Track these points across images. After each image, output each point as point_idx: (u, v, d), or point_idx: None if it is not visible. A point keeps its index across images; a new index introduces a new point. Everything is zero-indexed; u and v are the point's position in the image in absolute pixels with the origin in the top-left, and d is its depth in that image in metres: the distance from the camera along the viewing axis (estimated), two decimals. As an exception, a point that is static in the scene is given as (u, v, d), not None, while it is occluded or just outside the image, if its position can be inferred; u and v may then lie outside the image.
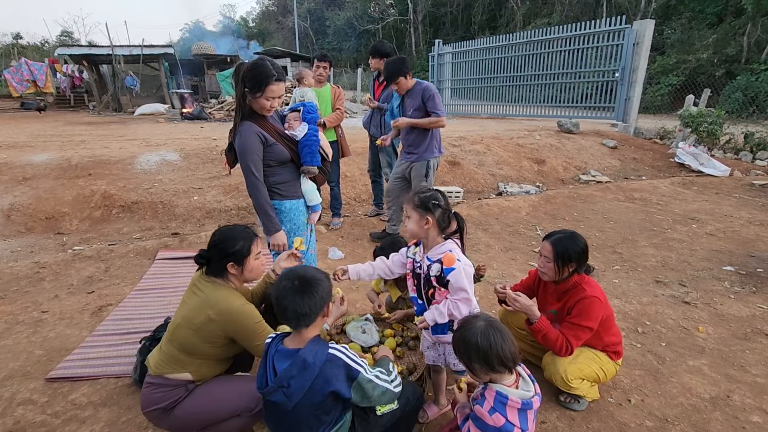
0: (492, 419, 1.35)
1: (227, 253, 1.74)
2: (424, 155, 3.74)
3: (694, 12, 17.51)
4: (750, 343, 2.62)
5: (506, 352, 1.38)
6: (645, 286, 3.40)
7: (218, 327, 1.68)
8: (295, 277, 1.44)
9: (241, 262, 1.77)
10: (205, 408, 1.69)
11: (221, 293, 1.72)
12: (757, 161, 7.76)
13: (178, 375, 1.70)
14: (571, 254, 1.98)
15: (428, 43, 27.28)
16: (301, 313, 1.40)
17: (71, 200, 4.89)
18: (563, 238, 2.03)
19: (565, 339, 1.96)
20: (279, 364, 1.40)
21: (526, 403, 1.39)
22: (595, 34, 9.00)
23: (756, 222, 4.89)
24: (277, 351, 1.44)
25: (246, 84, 2.12)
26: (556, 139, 8.14)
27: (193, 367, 1.71)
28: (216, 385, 1.75)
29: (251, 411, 1.69)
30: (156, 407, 1.68)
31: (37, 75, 16.10)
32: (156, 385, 1.70)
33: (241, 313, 1.70)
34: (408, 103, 3.68)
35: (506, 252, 4.17)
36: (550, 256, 2.01)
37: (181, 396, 1.69)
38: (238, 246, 1.76)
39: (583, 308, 1.97)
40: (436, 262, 1.71)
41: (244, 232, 1.81)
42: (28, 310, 3.00)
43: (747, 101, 12.70)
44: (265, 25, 45.73)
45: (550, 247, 2.02)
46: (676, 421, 1.99)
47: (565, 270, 2.00)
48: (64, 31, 40.63)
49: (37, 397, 2.13)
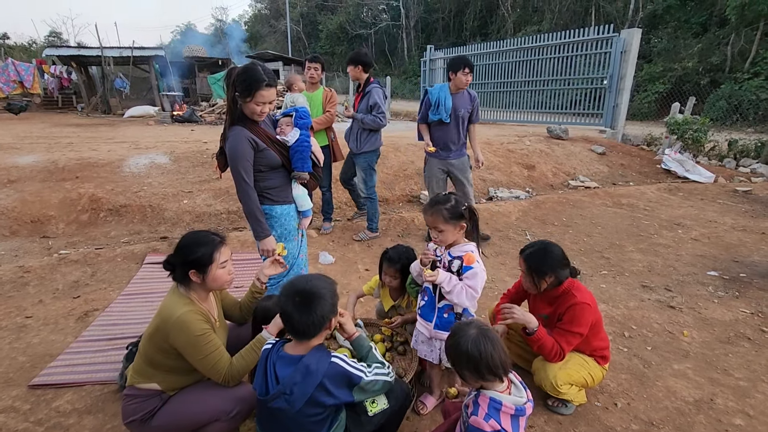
0: (489, 425, 1.36)
1: (188, 260, 1.65)
2: (463, 150, 4.21)
3: (680, 22, 17.90)
4: (733, 347, 2.67)
5: (496, 361, 1.38)
6: (632, 291, 3.45)
7: (162, 336, 1.61)
8: (296, 293, 1.41)
9: (204, 270, 1.67)
10: (181, 416, 1.66)
11: (170, 300, 1.66)
12: (740, 168, 7.93)
13: (146, 385, 1.67)
14: (544, 268, 1.99)
15: (420, 48, 27.47)
16: (301, 331, 1.42)
17: (57, 203, 4.82)
18: (533, 252, 2.05)
19: (558, 346, 1.98)
20: (281, 371, 1.40)
21: (520, 409, 1.40)
22: (584, 41, 9.16)
23: (739, 227, 4.99)
24: (279, 357, 1.44)
25: (237, 88, 2.12)
26: (546, 145, 8.24)
27: (159, 377, 1.68)
28: (190, 393, 1.72)
29: (229, 414, 1.66)
30: (133, 419, 1.66)
31: (24, 76, 15.81)
32: (131, 397, 1.68)
33: (181, 322, 1.57)
34: (460, 103, 3.99)
35: (496, 257, 4.20)
36: (524, 270, 2.06)
37: (157, 406, 1.67)
38: (199, 253, 1.65)
39: (574, 315, 1.98)
40: (456, 258, 1.88)
41: (208, 238, 1.70)
42: (12, 315, 2.95)
43: (731, 109, 12.99)
44: (257, 28, 45.67)
45: (523, 262, 2.06)
46: (662, 424, 2.02)
47: (544, 282, 2.02)
48: (53, 32, 40.20)
49: (20, 405, 2.09)
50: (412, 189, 6.18)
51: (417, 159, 6.78)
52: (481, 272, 1.84)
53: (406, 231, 4.82)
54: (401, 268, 2.24)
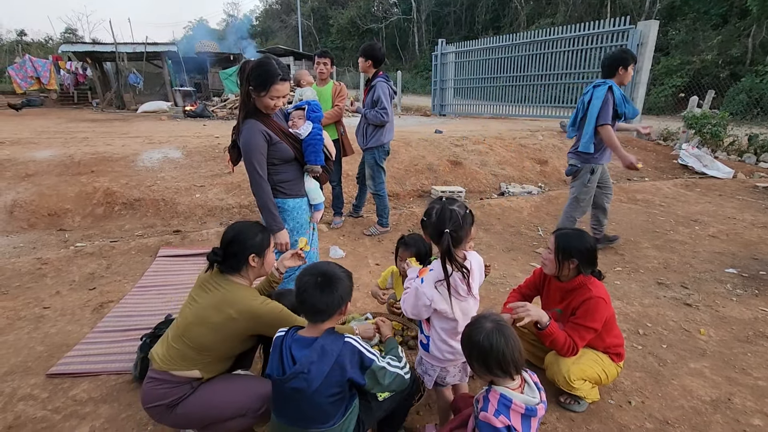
0: (499, 420, 1.34)
1: (248, 245, 1.75)
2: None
3: (699, 13, 17.41)
4: (752, 346, 2.61)
5: (507, 357, 1.36)
6: (647, 288, 3.39)
7: (241, 326, 1.69)
8: (318, 273, 1.48)
9: (262, 253, 1.79)
10: (210, 406, 1.67)
11: (241, 292, 1.72)
12: (761, 163, 7.71)
13: (185, 372, 1.67)
14: (572, 250, 1.98)
15: (431, 42, 27.22)
16: (319, 309, 1.47)
17: (74, 197, 4.90)
18: (569, 233, 2.06)
19: (571, 340, 1.95)
20: (297, 352, 1.45)
21: (530, 409, 1.36)
22: (599, 34, 8.98)
23: (759, 224, 4.86)
24: (294, 340, 1.49)
25: (251, 82, 2.12)
26: (559, 140, 8.12)
27: (202, 365, 1.70)
28: (220, 384, 1.73)
29: (256, 411, 1.67)
30: (159, 403, 1.65)
31: (41, 72, 16.13)
32: (160, 381, 1.67)
33: (266, 311, 1.71)
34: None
35: (508, 252, 4.16)
36: (551, 248, 2.05)
37: (186, 393, 1.67)
38: (258, 238, 1.78)
39: (588, 309, 1.96)
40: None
41: (260, 226, 1.85)
42: (30, 306, 3.02)
43: (751, 103, 12.62)
44: (268, 23, 45.76)
45: (553, 239, 2.05)
46: (677, 423, 1.99)
47: (566, 265, 2.00)
48: (69, 28, 40.85)
49: (38, 393, 2.14)
50: (423, 184, 6.15)
51: (428, 154, 6.75)
52: (414, 290, 1.68)
53: (416, 226, 4.80)
54: (417, 252, 2.24)
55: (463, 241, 1.65)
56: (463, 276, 1.64)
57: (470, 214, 1.68)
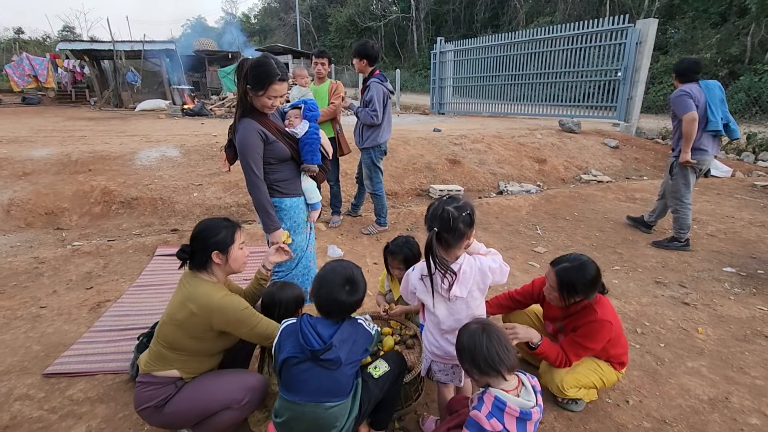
0: (490, 424, 1.34)
1: (210, 242, 1.73)
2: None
3: (698, 11, 17.40)
4: (749, 345, 2.61)
5: (492, 353, 1.36)
6: (645, 287, 3.39)
7: (202, 321, 1.68)
8: (345, 281, 1.57)
9: (225, 250, 1.76)
10: (194, 403, 1.70)
11: (202, 288, 1.71)
12: (759, 162, 7.72)
13: (165, 372, 1.70)
14: (577, 286, 1.84)
15: (430, 40, 27.20)
16: (347, 311, 1.59)
17: (71, 196, 4.88)
18: (569, 268, 1.86)
19: (564, 355, 1.93)
20: (323, 331, 1.53)
21: (525, 413, 1.35)
22: (598, 33, 8.96)
23: (757, 223, 4.87)
24: (317, 321, 1.56)
25: (249, 81, 2.11)
26: (558, 139, 8.11)
27: (179, 363, 1.71)
28: (204, 380, 1.76)
29: (240, 402, 1.69)
30: (147, 405, 1.69)
31: (39, 70, 16.07)
32: (145, 384, 1.70)
33: (223, 305, 1.69)
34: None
35: (506, 251, 4.16)
36: (554, 285, 1.89)
37: (171, 393, 1.69)
38: (221, 235, 1.76)
39: (590, 330, 1.90)
40: None
41: (226, 222, 1.82)
42: (27, 305, 3.00)
43: (750, 102, 12.63)
44: (267, 21, 45.63)
45: (554, 276, 1.89)
46: (674, 422, 1.99)
47: (572, 299, 1.91)
48: (66, 26, 40.65)
49: (34, 393, 2.13)
50: (422, 183, 6.14)
51: (426, 152, 6.74)
52: (407, 275, 1.76)
53: (415, 225, 4.79)
54: (404, 258, 2.24)
55: (454, 245, 1.58)
56: (443, 277, 1.58)
57: (468, 216, 1.56)
